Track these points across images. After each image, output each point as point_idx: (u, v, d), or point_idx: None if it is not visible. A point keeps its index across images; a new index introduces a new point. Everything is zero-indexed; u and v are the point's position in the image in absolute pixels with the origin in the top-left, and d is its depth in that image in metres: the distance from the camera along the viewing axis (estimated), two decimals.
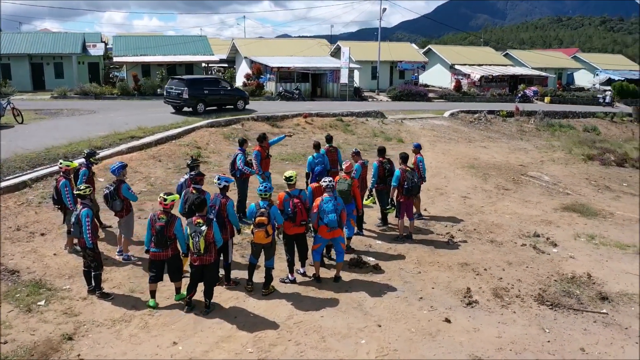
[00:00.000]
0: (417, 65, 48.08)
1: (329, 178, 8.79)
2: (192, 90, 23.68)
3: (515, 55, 55.34)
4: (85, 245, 7.77)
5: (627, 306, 8.29)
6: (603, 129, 30.96)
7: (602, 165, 18.65)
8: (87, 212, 7.70)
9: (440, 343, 7.02)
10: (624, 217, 12.90)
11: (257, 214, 7.85)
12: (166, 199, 7.65)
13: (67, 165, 9.50)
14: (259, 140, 11.52)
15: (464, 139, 24.39)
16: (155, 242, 7.63)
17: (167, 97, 24.60)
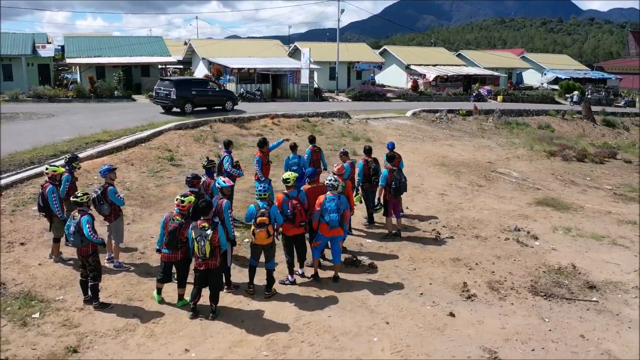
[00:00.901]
0: (374, 66, 48.75)
1: (333, 177, 8.82)
2: (180, 91, 24.27)
3: (467, 55, 56.93)
4: (87, 254, 7.51)
5: (614, 294, 8.72)
6: (556, 126, 32.25)
7: (564, 161, 19.48)
8: (88, 218, 7.46)
9: (449, 337, 7.18)
10: (593, 210, 13.53)
11: (258, 214, 7.79)
12: (184, 201, 7.52)
13: (53, 171, 9.14)
14: (260, 146, 11.38)
15: (429, 137, 24.92)
16: (166, 242, 7.48)
17: (156, 98, 25.42)
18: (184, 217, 7.55)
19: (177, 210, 7.67)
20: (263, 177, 11.02)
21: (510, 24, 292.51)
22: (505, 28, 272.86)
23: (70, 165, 9.72)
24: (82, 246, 7.49)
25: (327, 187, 8.65)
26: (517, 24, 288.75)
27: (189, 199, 7.62)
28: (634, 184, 16.67)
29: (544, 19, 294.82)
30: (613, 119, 35.78)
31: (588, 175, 17.70)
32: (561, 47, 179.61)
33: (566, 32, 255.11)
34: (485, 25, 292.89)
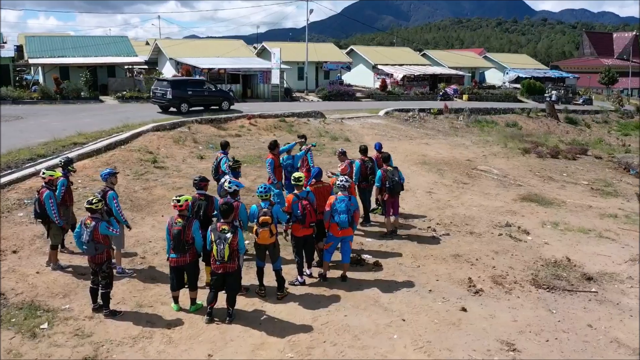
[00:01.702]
0: (342, 66, 49.03)
1: (344, 177, 8.86)
2: (176, 90, 24.88)
3: (432, 55, 57.92)
4: (101, 262, 7.31)
5: (610, 284, 9.09)
6: (522, 123, 33.23)
7: (539, 158, 20.10)
8: (106, 224, 7.31)
9: (466, 331, 7.33)
10: (575, 205, 14.03)
11: (260, 214, 7.75)
12: (179, 200, 7.40)
13: (50, 175, 8.86)
14: (271, 148, 11.23)
15: (405, 136, 25.26)
16: (173, 247, 7.37)
17: (153, 98, 26.08)
18: (185, 218, 7.46)
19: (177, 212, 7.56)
20: (276, 180, 10.93)
21: (467, 24, 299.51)
22: (463, 28, 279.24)
23: (65, 169, 9.45)
24: (96, 254, 7.29)
25: (338, 187, 8.68)
26: (473, 24, 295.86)
27: (184, 197, 7.54)
28: (608, 179, 17.38)
29: (499, 20, 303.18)
30: (575, 117, 37.17)
31: (564, 171, 18.34)
32: (516, 46, 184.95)
33: (520, 32, 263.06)
34: (443, 26, 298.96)
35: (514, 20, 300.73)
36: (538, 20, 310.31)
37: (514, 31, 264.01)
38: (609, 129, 35.84)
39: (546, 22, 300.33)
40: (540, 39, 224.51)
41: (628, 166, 19.21)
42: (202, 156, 17.65)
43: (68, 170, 9.57)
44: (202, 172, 15.81)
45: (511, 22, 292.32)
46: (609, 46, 79.40)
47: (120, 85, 34.26)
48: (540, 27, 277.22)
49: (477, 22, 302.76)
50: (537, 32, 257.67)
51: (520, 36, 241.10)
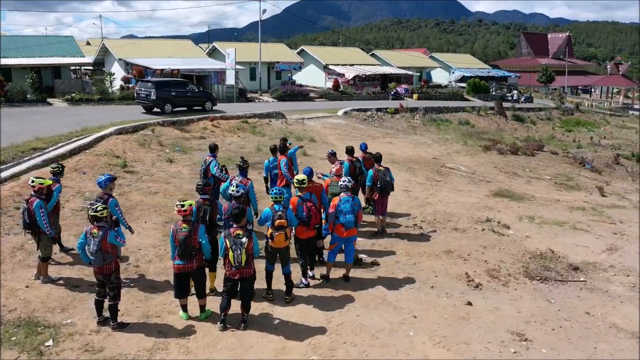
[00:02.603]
0: (293, 66, 49.03)
1: (347, 178, 8.90)
2: (160, 91, 25.46)
3: (380, 55, 58.88)
4: (109, 273, 7.01)
5: (595, 273, 9.61)
6: (473, 121, 34.35)
7: (501, 155, 20.90)
8: (114, 233, 7.02)
9: (476, 324, 7.56)
10: (544, 199, 14.70)
11: (276, 217, 7.69)
12: (183, 205, 7.21)
13: (40, 184, 8.41)
14: (282, 151, 11.07)
15: (367, 135, 25.57)
16: (179, 253, 7.17)
17: (137, 99, 26.65)
18: (190, 223, 7.30)
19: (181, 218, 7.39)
20: (292, 180, 10.87)
21: (407, 24, 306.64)
22: (403, 28, 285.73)
23: (57, 175, 9.08)
24: (104, 264, 6.99)
25: (342, 188, 8.73)
26: (413, 24, 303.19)
27: (188, 202, 7.36)
28: (568, 174, 18.30)
29: (437, 20, 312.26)
30: (521, 114, 38.76)
31: (526, 167, 19.16)
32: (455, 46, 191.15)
33: (458, 32, 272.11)
34: (383, 26, 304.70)
35: (452, 20, 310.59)
36: (474, 21, 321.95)
37: (452, 31, 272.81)
38: (553, 126, 37.61)
39: (482, 22, 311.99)
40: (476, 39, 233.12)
41: (583, 161, 20.30)
42: (171, 159, 17.22)
43: (58, 176, 9.21)
44: (174, 176, 15.65)
45: (449, 23, 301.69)
46: (544, 46, 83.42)
47: (67, 87, 32.81)
48: (477, 28, 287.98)
49: (417, 22, 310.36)
50: (473, 33, 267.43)
51: (458, 36, 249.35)
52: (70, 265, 9.21)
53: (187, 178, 15.37)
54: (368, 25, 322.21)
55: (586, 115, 43.29)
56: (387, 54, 60.73)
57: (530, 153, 21.49)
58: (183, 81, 28.50)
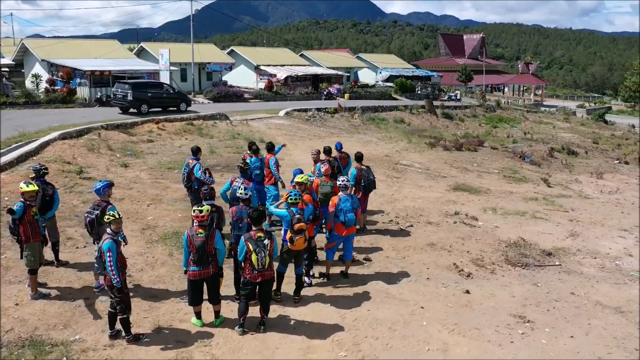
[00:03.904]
0: (224, 67, 48.38)
1: (344, 177, 9.05)
2: (136, 92, 26.00)
3: (309, 55, 59.41)
4: (110, 285, 6.73)
5: (567, 257, 10.45)
6: (407, 119, 35.54)
7: (446, 151, 21.89)
8: (110, 244, 6.68)
9: (479, 311, 8.03)
10: (499, 192, 15.64)
11: (294, 220, 7.74)
12: (202, 211, 7.08)
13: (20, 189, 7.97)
14: (269, 150, 11.00)
15: (313, 135, 25.82)
16: (196, 260, 7.02)
17: (114, 100, 27.09)
18: (206, 228, 7.20)
19: (195, 223, 7.28)
20: (281, 179, 10.84)
21: (325, 25, 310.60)
22: (320, 29, 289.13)
23: (43, 177, 8.75)
24: (106, 273, 6.69)
25: (340, 187, 8.88)
26: (330, 25, 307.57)
27: (206, 207, 7.26)
28: (513, 167, 19.52)
29: (354, 21, 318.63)
30: (450, 112, 40.60)
31: (473, 162, 20.23)
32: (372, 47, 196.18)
33: (374, 33, 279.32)
34: (301, 26, 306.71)
35: (368, 22, 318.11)
36: (389, 22, 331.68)
37: (369, 32, 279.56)
38: (479, 122, 39.71)
39: (397, 23, 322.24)
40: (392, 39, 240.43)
41: (523, 155, 21.72)
42: (126, 164, 16.57)
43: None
44: (134, 181, 15.12)
45: (365, 24, 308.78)
46: (460, 47, 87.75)
47: None
48: (392, 29, 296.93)
49: (334, 23, 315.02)
50: (389, 34, 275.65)
51: (374, 37, 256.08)
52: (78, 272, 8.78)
53: (148, 183, 14.88)
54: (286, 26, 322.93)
55: (506, 112, 46.04)
56: (315, 54, 61.36)
57: (473, 149, 22.68)
58: (158, 83, 29.24)
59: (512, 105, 54.36)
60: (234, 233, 7.90)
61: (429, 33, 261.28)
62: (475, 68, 75.39)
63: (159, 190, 14.13)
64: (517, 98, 68.11)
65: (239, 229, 7.84)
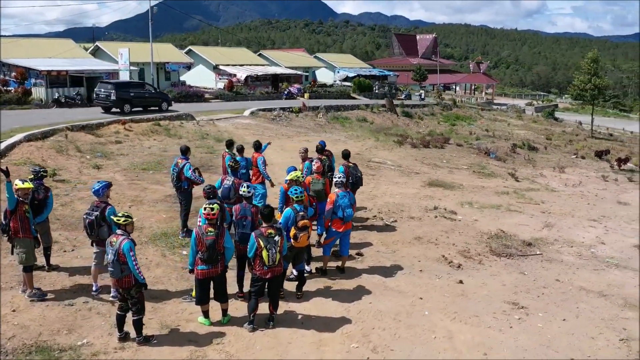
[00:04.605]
0: (183, 66, 47.67)
1: (340, 174, 9.22)
2: (119, 92, 26.28)
3: (268, 55, 59.28)
4: (129, 286, 6.67)
5: (546, 247, 11.00)
6: (369, 118, 36.09)
7: (415, 148, 22.42)
8: (130, 244, 6.65)
9: (475, 299, 8.40)
10: (472, 186, 16.21)
11: (299, 217, 7.86)
12: (213, 208, 7.10)
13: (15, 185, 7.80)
14: (257, 148, 10.97)
15: (282, 134, 25.91)
16: (205, 258, 7.02)
17: (97, 100, 27.14)
18: (216, 226, 7.24)
19: (204, 221, 7.31)
20: (270, 178, 10.85)
21: (277, 25, 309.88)
22: (273, 29, 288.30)
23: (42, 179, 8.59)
24: (122, 277, 6.63)
25: (337, 184, 9.06)
26: (282, 25, 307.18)
27: (215, 205, 7.31)
28: (480, 163, 20.22)
29: (306, 21, 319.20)
30: (409, 111, 41.49)
31: (442, 158, 20.82)
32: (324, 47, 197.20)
33: (326, 33, 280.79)
34: (253, 26, 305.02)
35: (320, 22, 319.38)
36: (341, 22, 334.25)
37: (321, 32, 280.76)
38: (438, 120, 40.76)
39: (348, 24, 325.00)
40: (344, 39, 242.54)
41: (488, 151, 22.52)
42: (98, 166, 16.19)
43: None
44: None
45: (317, 24, 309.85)
46: (414, 47, 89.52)
47: None
48: (344, 29, 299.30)
49: (286, 23, 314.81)
50: (341, 34, 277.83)
51: (326, 37, 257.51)
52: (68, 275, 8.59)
53: (125, 184, 14.62)
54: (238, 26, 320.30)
55: (462, 111, 47.41)
56: (274, 54, 61.27)
57: (440, 146, 23.33)
58: (140, 83, 29.82)
59: (466, 104, 56.00)
60: (238, 231, 7.95)
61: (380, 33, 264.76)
62: (429, 67, 77.11)
63: (137, 191, 13.92)
64: (469, 97, 70.11)
65: (243, 226, 7.90)
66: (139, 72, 42.40)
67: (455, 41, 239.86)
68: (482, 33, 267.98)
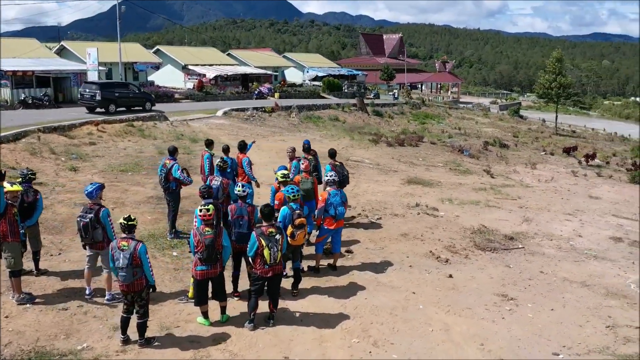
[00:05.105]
0: (151, 66, 46.96)
1: (332, 172, 9.34)
2: (104, 92, 26.67)
3: (237, 54, 58.90)
4: (141, 289, 6.66)
5: (527, 240, 11.39)
6: (341, 117, 36.32)
7: (390, 147, 22.73)
8: (145, 247, 6.69)
9: (466, 292, 8.66)
10: (449, 183, 16.57)
11: (295, 216, 7.95)
12: (209, 209, 7.13)
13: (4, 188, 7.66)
14: (241, 149, 10.96)
15: (255, 134, 25.83)
16: (204, 257, 7.03)
17: (81, 100, 27.43)
18: (213, 226, 7.28)
19: (199, 222, 7.34)
20: (255, 179, 10.85)
21: (242, 24, 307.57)
22: (238, 28, 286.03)
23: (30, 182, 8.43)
24: (134, 280, 6.61)
25: (329, 183, 9.18)
26: (248, 24, 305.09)
27: (211, 206, 7.34)
28: (455, 161, 20.65)
29: (271, 21, 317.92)
30: (379, 110, 41.96)
31: (418, 156, 21.19)
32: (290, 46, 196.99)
33: (292, 32, 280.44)
34: (218, 25, 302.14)
35: (285, 21, 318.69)
36: (307, 22, 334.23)
37: (286, 32, 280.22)
38: (407, 119, 41.34)
39: (314, 23, 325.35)
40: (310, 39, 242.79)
41: (461, 149, 23.02)
42: (75, 168, 15.89)
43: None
44: (85, 184, 14.45)
45: (282, 23, 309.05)
46: (381, 46, 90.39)
47: None
48: (309, 28, 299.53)
49: (251, 22, 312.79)
50: (307, 33, 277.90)
51: (292, 36, 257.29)
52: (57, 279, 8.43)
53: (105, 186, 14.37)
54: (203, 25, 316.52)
55: (431, 109, 48.23)
56: (243, 54, 60.92)
57: (415, 144, 23.73)
58: (125, 83, 30.53)
59: (434, 103, 56.94)
60: (235, 231, 7.97)
61: (345, 33, 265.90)
62: (396, 67, 78.03)
63: (118, 193, 13.73)
64: (436, 95, 71.26)
65: (240, 226, 7.93)
66: (107, 73, 41.62)
67: (420, 41, 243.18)
68: (445, 33, 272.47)
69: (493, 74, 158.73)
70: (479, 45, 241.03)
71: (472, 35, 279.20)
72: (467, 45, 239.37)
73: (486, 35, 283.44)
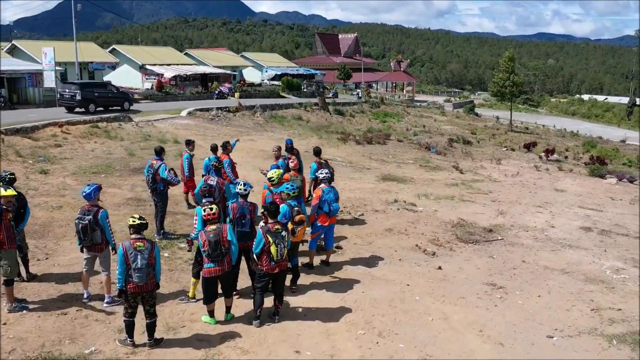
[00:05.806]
0: (108, 66, 45.82)
1: (326, 170, 9.51)
2: (84, 92, 26.90)
3: (194, 54, 58.16)
4: (152, 289, 6.66)
5: (505, 232, 11.93)
6: (304, 116, 36.47)
7: (359, 145, 23.07)
8: (159, 247, 6.71)
9: (457, 283, 9.04)
10: (422, 179, 17.05)
11: (294, 212, 8.10)
12: (212, 209, 7.20)
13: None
14: (224, 148, 10.90)
15: (223, 134, 25.65)
16: (211, 254, 7.09)
17: (61, 100, 27.60)
18: (216, 223, 7.33)
19: (200, 224, 7.43)
20: (234, 178, 10.80)
21: (194, 23, 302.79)
22: (189, 27, 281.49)
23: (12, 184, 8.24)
24: (147, 280, 6.61)
25: (323, 180, 9.35)
26: (199, 23, 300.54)
27: (214, 206, 7.38)
28: (424, 157, 21.20)
29: (224, 20, 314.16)
30: (341, 109, 42.32)
31: (388, 154, 21.63)
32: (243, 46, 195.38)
33: (245, 32, 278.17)
34: (169, 25, 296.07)
35: (238, 20, 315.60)
36: (259, 21, 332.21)
37: (239, 31, 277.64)
38: (368, 118, 41.92)
39: (267, 23, 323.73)
40: (263, 38, 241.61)
41: (428, 146, 23.62)
42: (45, 171, 15.45)
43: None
44: (63, 188, 14.31)
45: (235, 23, 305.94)
46: (337, 46, 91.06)
47: None
48: (262, 28, 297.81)
49: (203, 22, 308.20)
50: (259, 32, 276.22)
51: (245, 36, 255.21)
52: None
53: (78, 189, 13.99)
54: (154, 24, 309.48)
55: (390, 108, 49.07)
56: (200, 53, 60.21)
57: (382, 142, 24.17)
58: (103, 83, 31.10)
59: (391, 101, 57.90)
60: (237, 230, 8.03)
61: (299, 32, 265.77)
62: (352, 66, 78.83)
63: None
64: (392, 94, 72.46)
65: (242, 225, 8.00)
66: (62, 73, 40.31)
67: (373, 40, 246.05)
68: (397, 32, 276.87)
69: (444, 73, 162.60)
70: (430, 45, 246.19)
71: (423, 34, 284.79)
72: (419, 44, 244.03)
73: (437, 35, 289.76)
